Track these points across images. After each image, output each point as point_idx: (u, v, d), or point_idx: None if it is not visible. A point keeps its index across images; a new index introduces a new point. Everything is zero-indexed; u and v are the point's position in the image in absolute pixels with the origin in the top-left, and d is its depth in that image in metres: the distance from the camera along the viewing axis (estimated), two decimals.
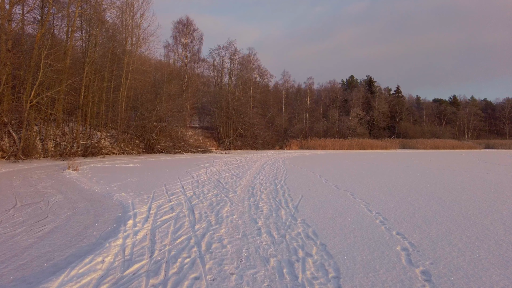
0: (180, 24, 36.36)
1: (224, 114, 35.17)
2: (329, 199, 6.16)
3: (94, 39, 22.52)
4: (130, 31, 27.56)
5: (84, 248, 3.29)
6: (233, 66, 41.87)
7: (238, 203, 5.65)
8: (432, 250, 3.31)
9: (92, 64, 21.71)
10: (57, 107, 19.61)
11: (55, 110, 19.43)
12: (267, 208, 5.26)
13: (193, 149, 26.96)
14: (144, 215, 4.72)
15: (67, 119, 22.28)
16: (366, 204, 5.69)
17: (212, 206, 5.43)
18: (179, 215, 4.78)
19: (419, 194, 6.80)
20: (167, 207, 5.33)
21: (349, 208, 5.36)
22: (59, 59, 18.44)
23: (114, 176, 9.62)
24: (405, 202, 5.85)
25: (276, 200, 5.93)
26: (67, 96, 19.11)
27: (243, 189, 7.21)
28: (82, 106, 21.16)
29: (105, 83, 22.59)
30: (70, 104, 22.22)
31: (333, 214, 4.88)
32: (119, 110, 23.76)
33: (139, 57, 27.90)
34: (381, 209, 5.28)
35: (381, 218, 4.69)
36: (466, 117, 62.44)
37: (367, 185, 7.97)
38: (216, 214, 4.82)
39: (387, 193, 6.83)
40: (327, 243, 3.49)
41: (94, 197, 6.31)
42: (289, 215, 4.80)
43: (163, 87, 29.20)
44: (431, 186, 7.90)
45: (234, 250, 3.28)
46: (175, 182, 8.31)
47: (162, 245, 3.44)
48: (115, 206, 5.38)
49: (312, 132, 44.11)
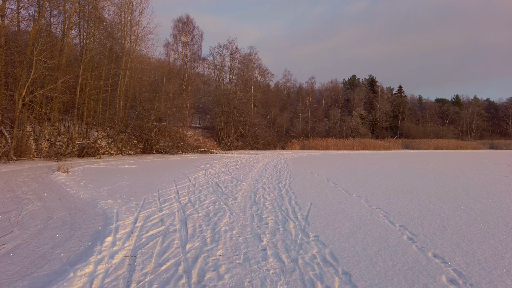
0: (180, 22, 35.66)
1: (224, 114, 34.42)
2: (342, 207, 5.42)
3: (91, 36, 21.85)
4: (129, 29, 26.90)
5: (40, 280, 2.56)
6: (233, 65, 41.16)
7: (239, 213, 4.92)
8: (489, 283, 2.58)
9: (89, 62, 21.03)
10: (51, 106, 18.91)
11: (49, 109, 18.72)
12: (273, 220, 4.52)
13: (192, 150, 26.24)
14: (128, 229, 4.00)
15: (63, 118, 21.60)
16: (385, 214, 4.95)
17: (208, 217, 4.69)
18: (169, 229, 4.05)
19: (441, 200, 6.06)
20: (156, 218, 4.60)
21: (367, 219, 4.62)
22: (53, 56, 17.73)
23: (105, 179, 8.91)
24: (429, 211, 5.11)
25: (282, 209, 5.20)
26: (62, 95, 18.41)
27: (245, 195, 6.48)
28: (79, 105, 20.46)
29: (102, 82, 21.87)
30: (65, 103, 21.54)
31: (351, 228, 4.14)
32: (116, 109, 23.04)
33: (138, 55, 27.22)
34: (404, 220, 4.54)
35: (408, 233, 3.96)
36: (469, 117, 61.66)
37: (381, 190, 7.23)
38: (212, 228, 4.08)
39: (405, 200, 6.09)
40: (352, 272, 2.76)
41: (77, 204, 5.58)
42: (299, 229, 4.06)
43: (162, 85, 28.49)
44: (451, 191, 7.16)
45: (234, 283, 2.55)
46: (170, 186, 7.58)
47: (142, 274, 2.71)
48: (97, 217, 4.66)
49: (313, 132, 43.37)
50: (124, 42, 25.70)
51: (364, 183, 8.49)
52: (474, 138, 58.80)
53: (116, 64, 24.26)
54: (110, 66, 23.80)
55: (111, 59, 24.26)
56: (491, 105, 69.29)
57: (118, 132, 22.78)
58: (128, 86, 25.60)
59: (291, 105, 48.76)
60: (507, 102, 66.09)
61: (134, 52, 26.94)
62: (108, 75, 22.95)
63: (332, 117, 47.74)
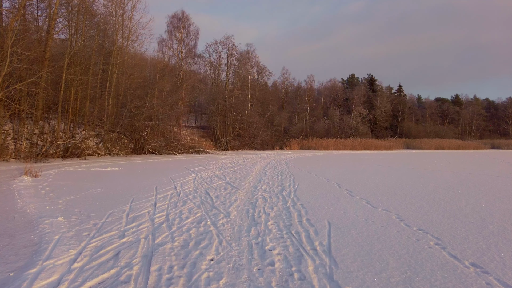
0: (175, 18, 34.12)
1: (221, 113, 32.94)
2: (373, 230, 3.99)
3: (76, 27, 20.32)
4: (121, 24, 25.42)
5: None
6: (230, 62, 39.70)
7: (231, 241, 3.47)
8: None
9: (75, 56, 19.50)
10: (31, 102, 17.35)
11: (27, 106, 17.16)
12: (281, 256, 3.06)
13: (187, 150, 24.76)
14: (55, 277, 2.55)
15: (47, 116, 20.06)
16: (437, 240, 3.53)
17: (186, 249, 3.24)
18: (120, 275, 2.59)
19: (493, 216, 4.65)
20: (110, 251, 3.14)
21: (417, 251, 3.19)
22: (31, 48, 16.18)
23: (75, 186, 7.43)
24: (494, 236, 3.71)
25: (292, 234, 3.76)
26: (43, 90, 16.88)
27: (240, 209, 5.04)
28: (63, 102, 18.93)
29: (90, 77, 20.31)
30: (48, 99, 20.00)
31: (402, 270, 2.71)
32: (105, 107, 21.49)
33: (130, 50, 25.70)
34: (476, 256, 3.12)
35: (497, 283, 2.55)
36: (469, 116, 60.74)
37: (408, 200, 5.82)
38: (188, 275, 2.61)
39: (449, 216, 4.67)
40: None
41: (11, 225, 4.11)
42: (324, 276, 2.62)
43: (155, 82, 26.96)
44: (496, 202, 5.76)
45: None
46: (149, 195, 6.13)
47: None
48: (24, 249, 3.20)
49: (312, 132, 42.02)
50: (115, 36, 24.20)
51: (383, 190, 7.07)
52: (474, 138, 57.89)
53: (106, 60, 22.76)
54: (99, 61, 22.29)
55: (100, 53, 22.76)
56: (491, 104, 68.48)
57: (107, 131, 21.25)
58: (120, 83, 24.10)
59: (289, 104, 47.39)
60: (507, 102, 65.28)
61: (126, 47, 25.47)
62: (97, 71, 21.42)
63: (331, 117, 46.42)
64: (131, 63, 25.58)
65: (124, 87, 24.00)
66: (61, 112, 19.16)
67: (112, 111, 22.31)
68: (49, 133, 19.69)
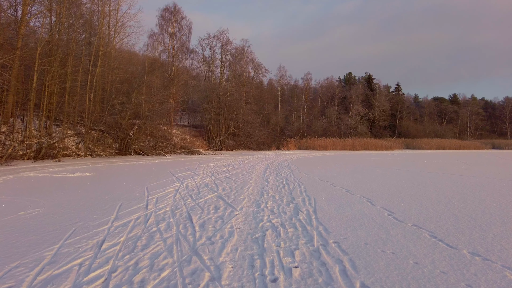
0: (166, 11, 31.93)
1: (215, 110, 30.92)
2: None
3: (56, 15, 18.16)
4: (107, 14, 23.28)
5: None
6: (225, 58, 37.65)
7: None
8: None
9: (50, 44, 17.36)
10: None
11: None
12: None
13: (177, 150, 22.72)
14: None
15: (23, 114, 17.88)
16: None
17: None
18: None
19: None
20: None
21: None
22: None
23: (11, 202, 5.42)
24: None
25: None
26: (4, 81, 14.73)
27: (239, 256, 3.13)
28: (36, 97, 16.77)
29: (68, 69, 18.11)
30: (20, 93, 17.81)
31: None
32: (86, 103, 19.31)
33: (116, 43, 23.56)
34: None
35: None
36: (468, 116, 59.85)
37: (488, 229, 3.99)
38: None
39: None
40: None
41: None
42: None
43: (144, 77, 24.83)
44: None
45: None
46: (102, 222, 4.16)
47: None
48: None
49: (310, 131, 40.29)
50: (99, 26, 22.04)
51: (433, 210, 5.21)
52: (473, 138, 57.01)
53: (90, 51, 20.65)
54: (81, 53, 20.13)
55: (81, 43, 20.61)
56: (488, 104, 67.86)
57: (88, 130, 19.10)
58: (105, 78, 21.97)
59: (286, 102, 45.56)
60: (504, 102, 64.70)
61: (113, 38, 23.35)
62: (78, 63, 19.25)
63: (329, 116, 44.73)
64: (118, 56, 23.48)
65: (109, 82, 21.89)
66: (33, 107, 16.98)
67: (94, 107, 20.13)
68: (21, 132, 17.48)
